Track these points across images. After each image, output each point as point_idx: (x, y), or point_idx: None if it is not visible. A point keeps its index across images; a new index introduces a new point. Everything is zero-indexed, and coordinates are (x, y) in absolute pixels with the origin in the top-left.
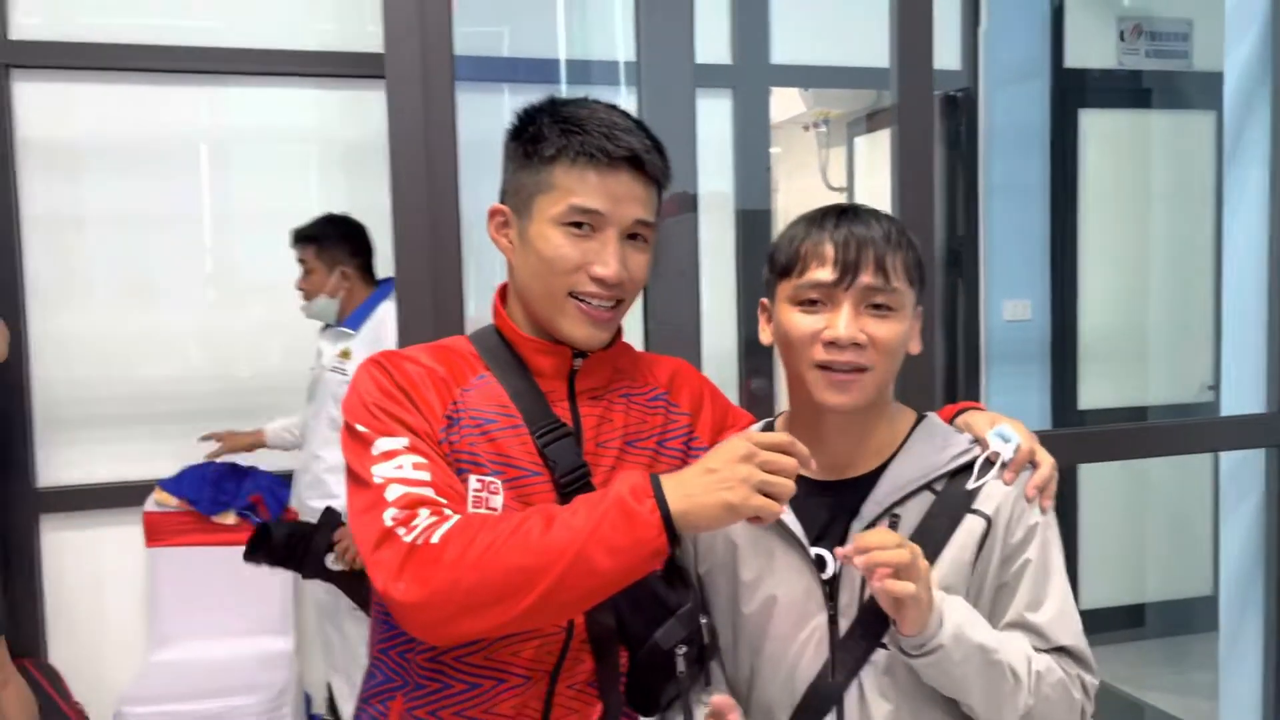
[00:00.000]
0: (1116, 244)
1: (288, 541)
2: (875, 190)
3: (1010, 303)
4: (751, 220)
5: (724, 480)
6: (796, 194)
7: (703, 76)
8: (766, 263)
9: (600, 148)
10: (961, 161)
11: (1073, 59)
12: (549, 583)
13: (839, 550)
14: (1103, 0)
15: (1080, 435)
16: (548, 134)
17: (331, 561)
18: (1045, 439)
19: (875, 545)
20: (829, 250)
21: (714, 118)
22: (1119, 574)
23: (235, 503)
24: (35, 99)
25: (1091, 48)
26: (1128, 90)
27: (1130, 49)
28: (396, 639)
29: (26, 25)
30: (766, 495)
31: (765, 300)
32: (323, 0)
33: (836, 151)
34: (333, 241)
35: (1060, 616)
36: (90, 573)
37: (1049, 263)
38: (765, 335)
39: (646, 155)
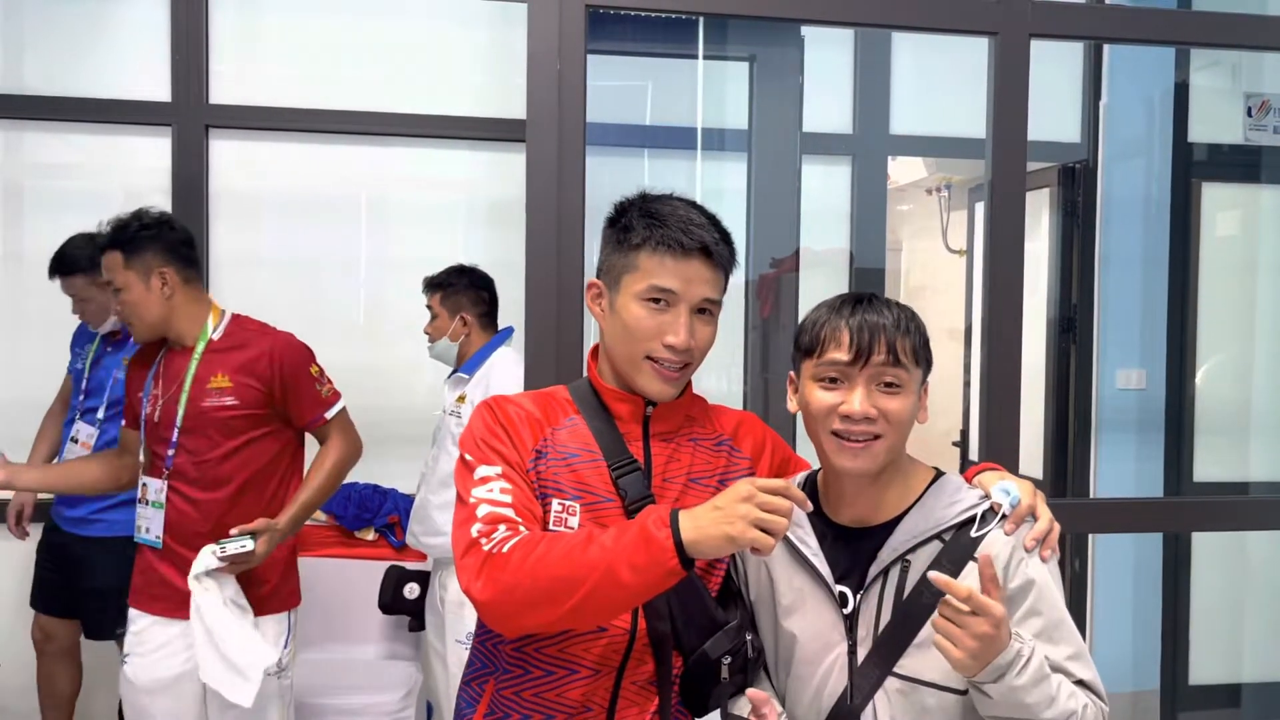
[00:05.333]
0: (1235, 316)
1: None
2: None
3: (1124, 371)
4: (866, 276)
5: (727, 516)
6: (919, 254)
7: (823, 144)
8: (794, 342)
9: (678, 240)
10: (1078, 231)
11: (1196, 134)
12: (585, 590)
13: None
14: (1231, 76)
15: (1183, 504)
16: (636, 225)
17: None
18: (1151, 507)
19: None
20: (845, 335)
21: (835, 182)
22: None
23: (376, 521)
24: (227, 155)
25: (1216, 123)
26: (1250, 165)
27: (1258, 125)
28: (490, 633)
29: (222, 91)
30: (765, 531)
31: (793, 374)
32: (474, 71)
33: (959, 215)
34: (456, 290)
35: (1078, 655)
36: None
37: (1165, 333)
38: (792, 404)
39: (715, 247)
